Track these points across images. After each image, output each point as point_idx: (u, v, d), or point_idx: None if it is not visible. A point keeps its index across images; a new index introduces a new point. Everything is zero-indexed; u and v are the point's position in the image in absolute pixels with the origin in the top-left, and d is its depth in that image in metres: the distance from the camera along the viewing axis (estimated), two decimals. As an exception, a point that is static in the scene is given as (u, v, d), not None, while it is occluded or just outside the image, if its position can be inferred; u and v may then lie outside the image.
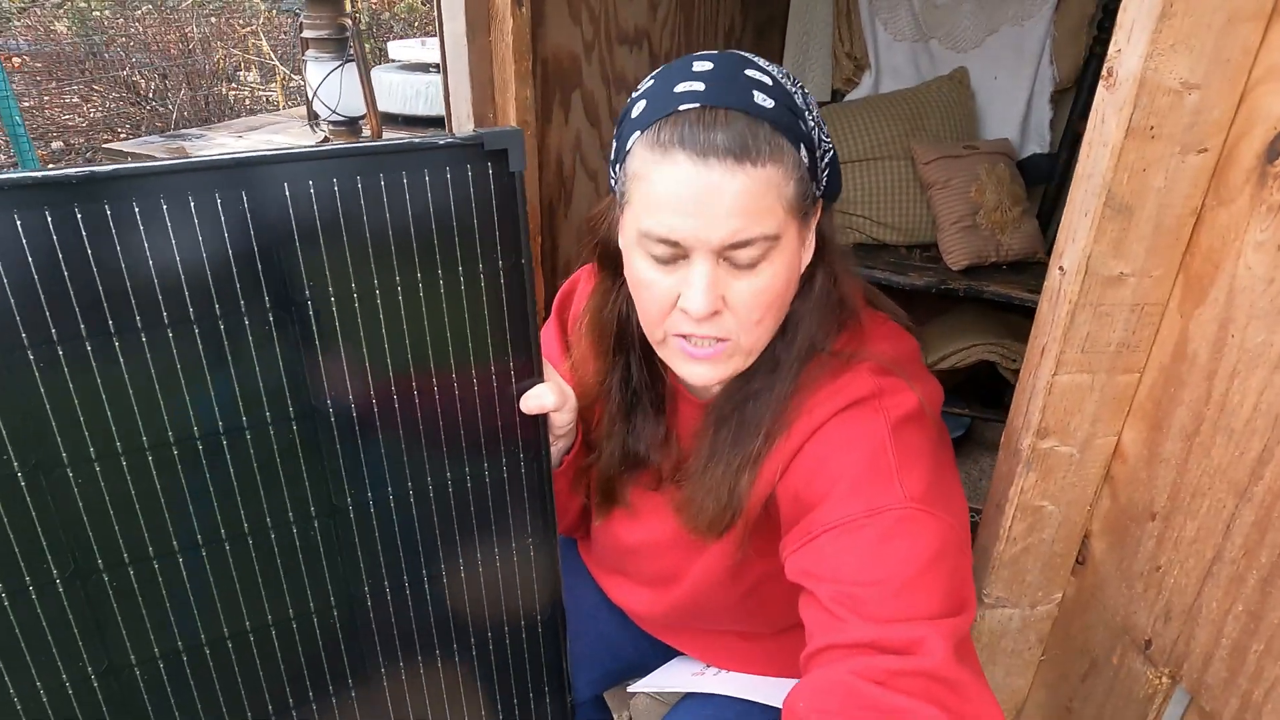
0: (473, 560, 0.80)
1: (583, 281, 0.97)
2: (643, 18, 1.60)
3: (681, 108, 0.68)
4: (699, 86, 0.68)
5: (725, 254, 0.69)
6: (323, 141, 2.29)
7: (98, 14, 5.47)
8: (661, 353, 0.78)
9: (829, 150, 0.76)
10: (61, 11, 5.54)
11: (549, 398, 0.75)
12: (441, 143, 0.66)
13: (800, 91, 0.73)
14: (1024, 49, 2.00)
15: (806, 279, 0.79)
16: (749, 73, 0.70)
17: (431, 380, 0.72)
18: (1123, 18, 0.66)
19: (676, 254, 0.70)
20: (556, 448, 0.86)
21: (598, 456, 0.91)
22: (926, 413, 0.76)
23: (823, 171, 0.75)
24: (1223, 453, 0.70)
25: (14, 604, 0.63)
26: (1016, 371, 1.96)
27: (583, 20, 1.45)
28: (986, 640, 0.96)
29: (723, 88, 0.68)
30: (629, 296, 0.82)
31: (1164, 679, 0.80)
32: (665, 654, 1.09)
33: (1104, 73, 0.68)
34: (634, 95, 0.74)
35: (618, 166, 0.75)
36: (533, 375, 0.76)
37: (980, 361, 1.98)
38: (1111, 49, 0.68)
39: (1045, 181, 2.06)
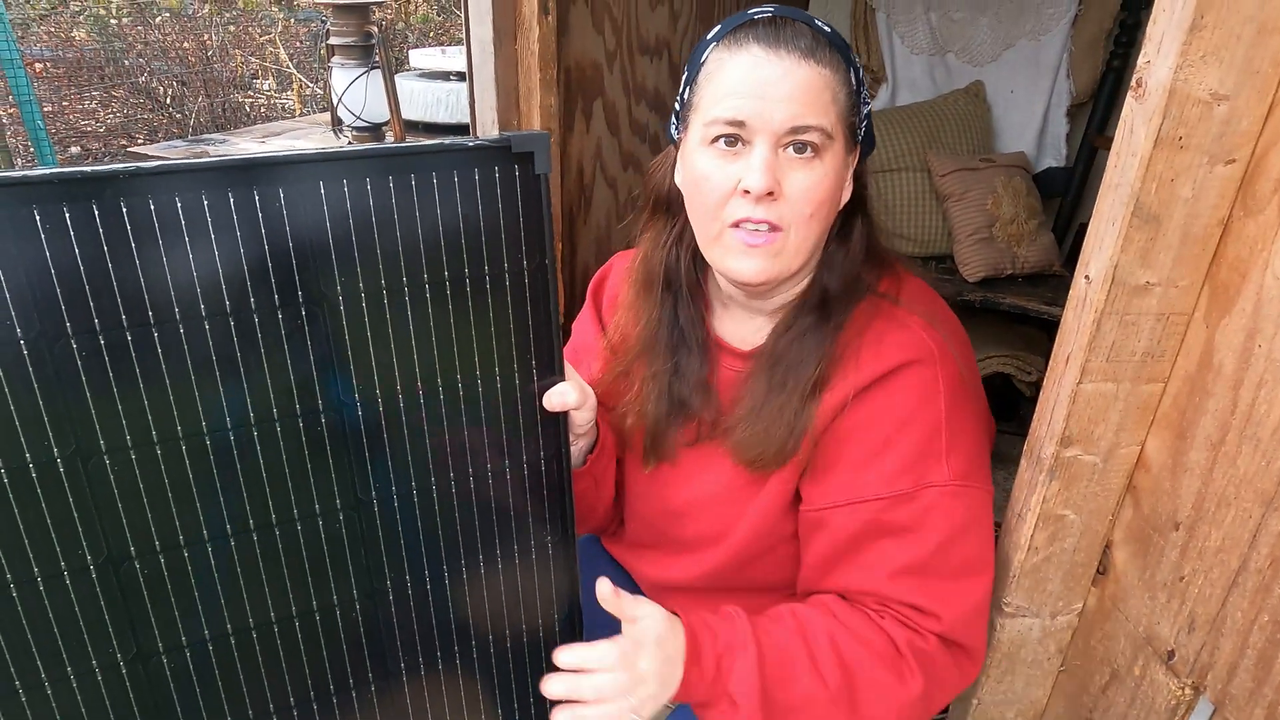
0: (492, 557, 0.81)
1: (616, 265, 1.02)
2: (664, 28, 1.62)
3: (755, 17, 0.79)
4: (769, 9, 0.81)
5: (784, 141, 0.77)
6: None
7: (115, 21, 5.54)
8: (714, 253, 0.83)
9: (869, 104, 0.85)
10: (81, 19, 5.61)
11: (571, 395, 0.77)
12: (470, 144, 0.67)
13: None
14: (1041, 63, 2.01)
15: (847, 220, 0.86)
16: (808, 13, 0.81)
17: (456, 377, 0.73)
18: (1152, 29, 0.67)
19: (740, 138, 0.78)
20: (577, 447, 0.87)
21: (642, 410, 0.93)
22: (963, 375, 0.84)
23: (863, 117, 0.84)
24: (1249, 462, 0.70)
25: (49, 589, 0.64)
26: (1031, 384, 1.96)
27: (605, 30, 1.47)
28: (1006, 649, 0.95)
29: (790, 10, 0.80)
30: (678, 238, 0.90)
31: (1187, 690, 0.80)
32: None
33: (1133, 83, 0.69)
34: (704, 35, 0.84)
35: (686, 92, 0.83)
36: (555, 374, 0.77)
37: (995, 374, 1.98)
38: (1141, 59, 0.68)
39: (1061, 194, 2.07)
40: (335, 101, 2.26)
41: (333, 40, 2.22)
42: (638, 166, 1.69)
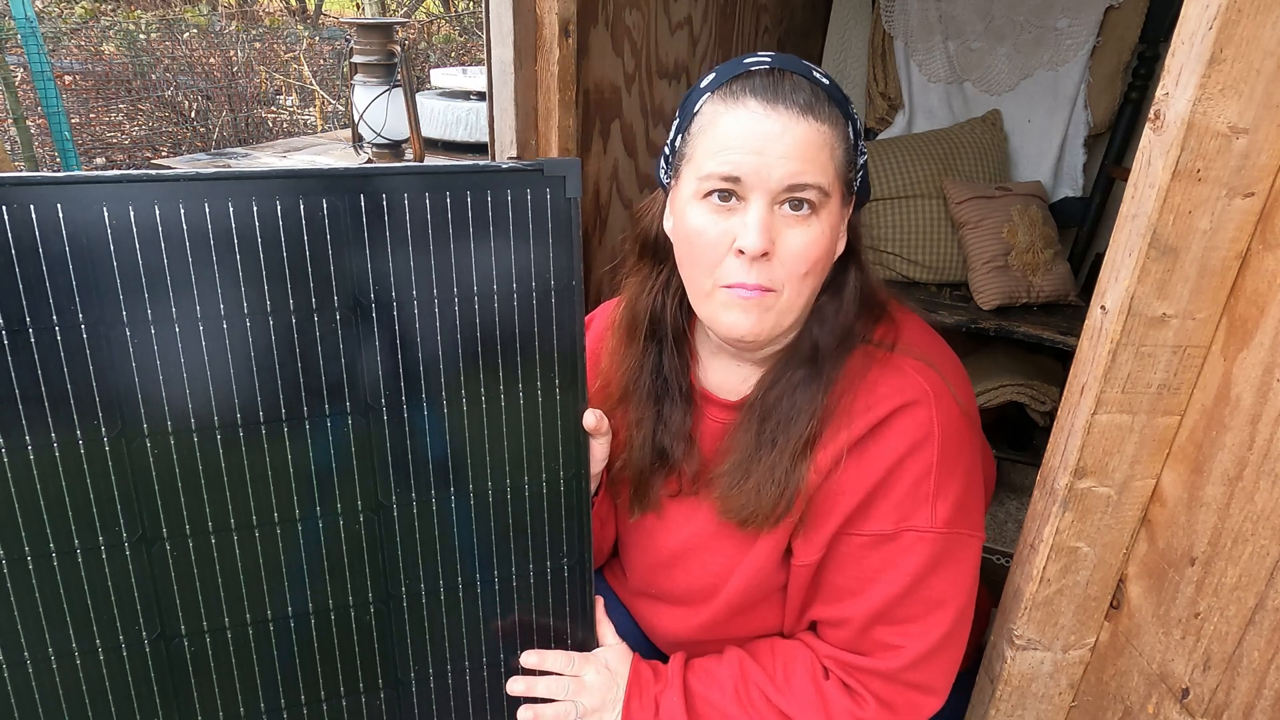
0: (507, 574, 0.81)
1: (598, 318, 1.01)
2: (683, 53, 1.64)
3: (752, 68, 0.75)
4: (766, 58, 0.77)
5: (781, 199, 0.75)
6: (367, 163, 2.34)
7: (144, 36, 5.64)
8: (705, 309, 0.81)
9: (864, 154, 0.83)
10: (111, 33, 5.71)
11: (589, 418, 0.78)
12: (505, 167, 0.70)
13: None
14: (1059, 93, 2.01)
15: (840, 271, 0.84)
16: (806, 63, 0.78)
17: (480, 388, 0.74)
18: (1171, 62, 0.67)
19: (735, 194, 0.75)
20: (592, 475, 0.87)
21: (627, 458, 0.91)
22: (964, 415, 0.82)
23: (859, 168, 0.81)
24: (1267, 498, 0.69)
25: (87, 561, 0.67)
26: (1045, 413, 1.94)
27: (625, 53, 1.48)
28: (1016, 683, 0.94)
29: (787, 61, 0.77)
30: (665, 284, 0.88)
31: (1202, 729, 0.78)
32: None
33: (1151, 115, 0.69)
34: (697, 83, 0.81)
35: (678, 140, 0.81)
36: (579, 393, 0.78)
37: (1008, 402, 1.96)
38: (1159, 92, 0.68)
39: (1077, 224, 2.07)
40: (356, 118, 2.29)
41: (356, 59, 2.26)
42: (653, 188, 1.70)
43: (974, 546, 0.84)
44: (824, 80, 0.77)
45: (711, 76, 0.79)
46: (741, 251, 0.75)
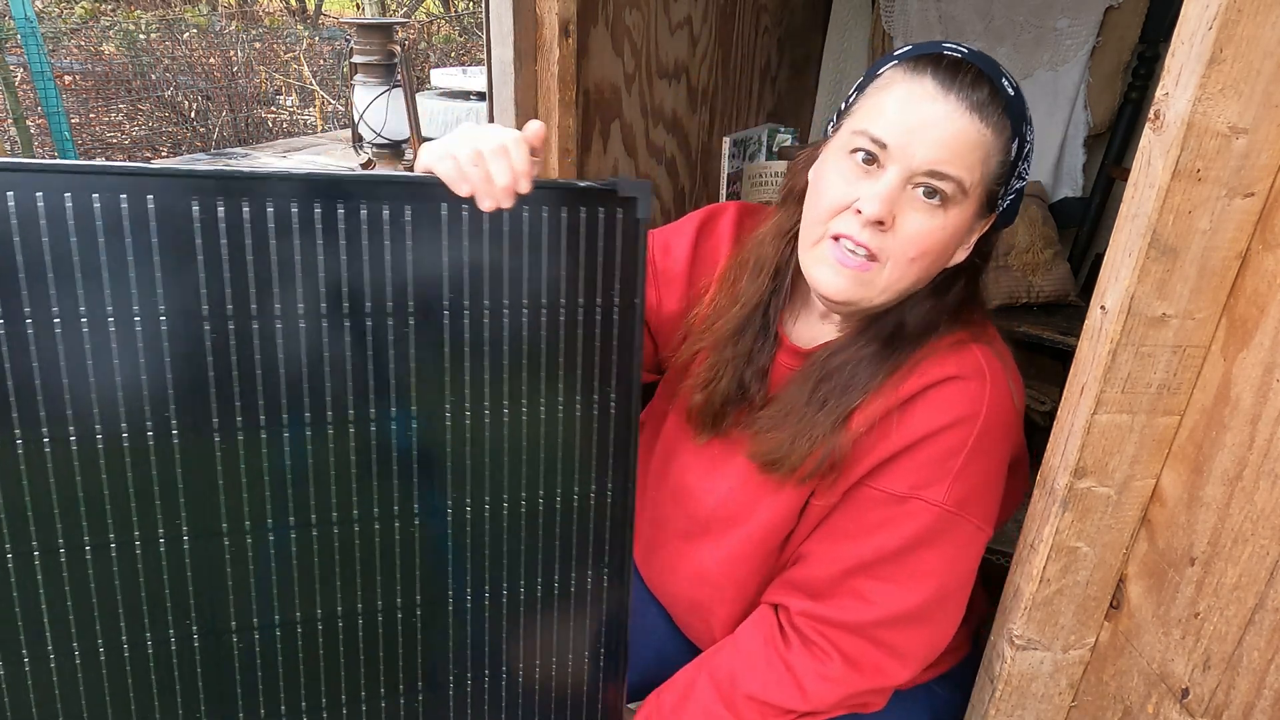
0: (550, 581, 0.82)
1: (730, 213, 1.02)
2: (683, 53, 1.63)
3: (946, 52, 0.77)
4: (963, 49, 0.77)
5: (916, 181, 0.76)
6: (367, 163, 2.34)
7: (144, 36, 5.64)
8: (809, 257, 0.83)
9: (1024, 178, 0.83)
10: (111, 33, 5.71)
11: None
12: (581, 185, 0.71)
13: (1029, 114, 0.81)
14: (1058, 93, 2.01)
15: (951, 279, 0.85)
16: (1003, 68, 0.79)
17: (540, 400, 0.75)
18: (1171, 62, 0.67)
19: (877, 159, 0.77)
20: None
21: (714, 387, 0.93)
22: (1014, 412, 0.84)
23: (1012, 188, 0.82)
24: (1266, 498, 0.69)
25: (145, 554, 0.68)
26: (1045, 414, 1.94)
27: (625, 53, 1.48)
28: (1016, 683, 0.94)
29: (983, 60, 0.78)
30: (794, 234, 0.89)
31: (1201, 729, 0.78)
32: None
33: (1151, 115, 0.69)
34: (892, 51, 0.82)
35: (853, 96, 0.83)
36: (633, 406, 0.79)
37: (1008, 403, 1.96)
38: (1159, 92, 0.68)
39: (1077, 225, 2.06)
40: (356, 119, 2.29)
41: (356, 59, 2.26)
42: (654, 189, 1.70)
43: (978, 539, 0.85)
44: (1009, 90, 0.77)
45: (907, 49, 0.80)
46: (859, 212, 0.77)
